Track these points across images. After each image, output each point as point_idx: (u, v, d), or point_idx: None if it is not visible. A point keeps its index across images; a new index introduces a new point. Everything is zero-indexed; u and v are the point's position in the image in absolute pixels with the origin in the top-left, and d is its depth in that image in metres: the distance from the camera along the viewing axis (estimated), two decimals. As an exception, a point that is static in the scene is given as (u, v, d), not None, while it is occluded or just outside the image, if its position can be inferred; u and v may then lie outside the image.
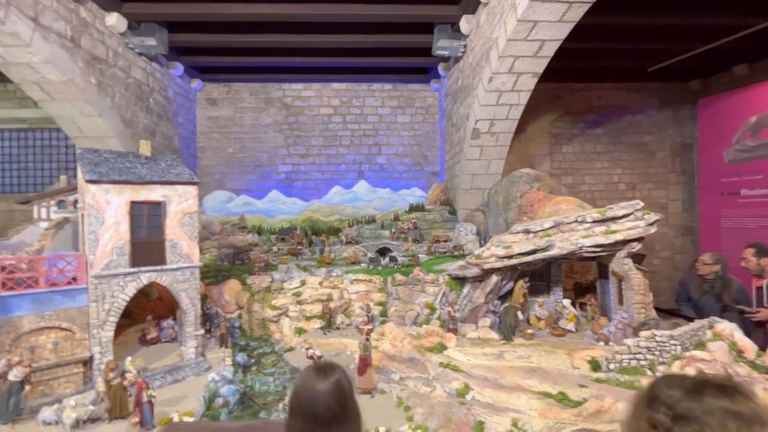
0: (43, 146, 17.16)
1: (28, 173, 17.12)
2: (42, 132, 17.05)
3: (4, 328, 5.92)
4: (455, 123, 14.53)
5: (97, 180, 6.46)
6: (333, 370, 2.26)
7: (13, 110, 16.20)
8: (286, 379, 7.15)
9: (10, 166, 17.13)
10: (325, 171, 17.24)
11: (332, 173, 17.22)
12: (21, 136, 17.07)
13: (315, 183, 17.15)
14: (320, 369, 2.27)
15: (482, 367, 6.18)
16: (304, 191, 17.02)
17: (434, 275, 9.19)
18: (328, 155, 17.23)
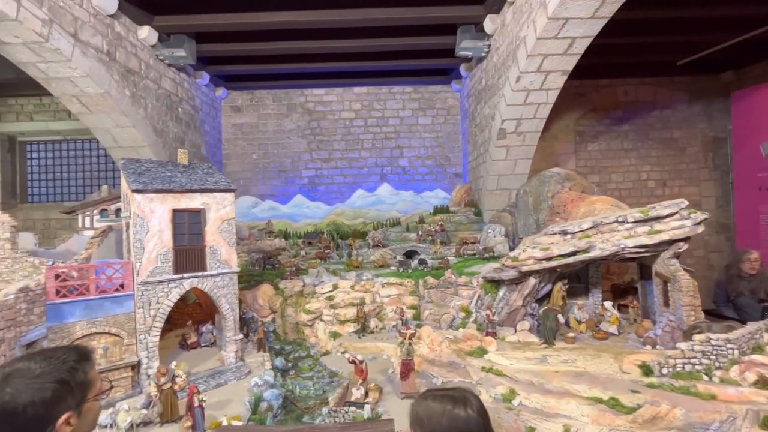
0: (76, 157, 17.79)
1: (62, 183, 17.76)
2: (75, 143, 17.69)
3: (59, 333, 6.14)
4: (479, 123, 14.41)
5: (142, 189, 6.65)
6: (468, 397, 2.00)
7: (48, 122, 16.84)
8: (326, 383, 7.20)
9: (45, 176, 17.82)
10: (348, 175, 17.33)
11: (355, 177, 17.30)
12: (56, 147, 17.74)
13: (338, 187, 17.26)
14: (457, 399, 1.96)
15: (526, 371, 6.08)
16: (327, 195, 17.15)
17: (467, 278, 9.11)
18: (350, 159, 17.33)
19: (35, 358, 1.46)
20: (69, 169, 17.85)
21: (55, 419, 1.36)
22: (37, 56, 9.07)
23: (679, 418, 4.89)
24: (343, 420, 5.60)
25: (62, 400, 1.40)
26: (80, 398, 1.46)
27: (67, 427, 1.41)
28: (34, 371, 1.39)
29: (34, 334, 5.78)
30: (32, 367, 1.40)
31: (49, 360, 1.46)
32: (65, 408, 1.40)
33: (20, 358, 1.52)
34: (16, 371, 1.41)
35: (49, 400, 1.36)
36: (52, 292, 6.08)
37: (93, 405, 1.50)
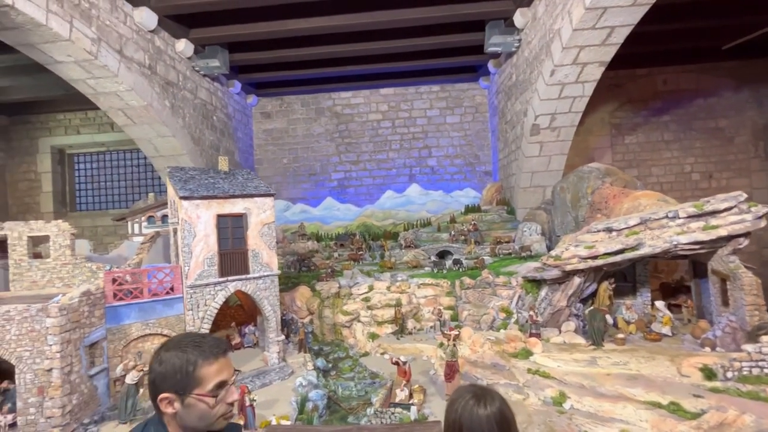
0: (119, 167, 18.74)
1: (107, 192, 18.75)
2: (118, 154, 18.63)
3: (117, 335, 6.48)
4: (510, 120, 14.12)
5: (189, 196, 6.92)
6: (493, 396, 2.05)
7: (93, 135, 17.83)
8: (367, 384, 7.23)
9: (91, 186, 18.86)
10: (377, 176, 17.40)
11: (383, 178, 17.35)
12: (100, 158, 18.75)
13: (367, 188, 17.36)
14: (480, 395, 2.02)
15: (576, 374, 5.89)
16: (356, 197, 17.28)
17: (505, 278, 8.94)
18: (378, 160, 17.39)
19: (181, 336, 1.66)
20: (113, 178, 18.82)
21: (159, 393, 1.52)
22: (87, 73, 9.63)
23: (749, 424, 4.60)
24: (390, 421, 5.60)
25: (165, 379, 1.53)
26: (183, 387, 1.53)
27: (168, 407, 1.52)
28: (170, 345, 1.59)
29: (95, 335, 6.13)
30: (171, 342, 1.60)
31: (183, 339, 1.63)
32: (166, 388, 1.52)
33: (177, 335, 1.74)
34: (168, 341, 1.64)
35: (160, 374, 1.53)
36: (110, 295, 6.42)
37: (197, 403, 1.55)
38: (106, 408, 6.22)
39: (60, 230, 7.14)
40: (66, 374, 5.50)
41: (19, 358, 5.40)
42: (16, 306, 5.46)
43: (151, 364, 1.57)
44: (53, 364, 5.41)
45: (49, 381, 5.41)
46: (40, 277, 7.12)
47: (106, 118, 17.61)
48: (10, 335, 5.40)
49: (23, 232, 7.08)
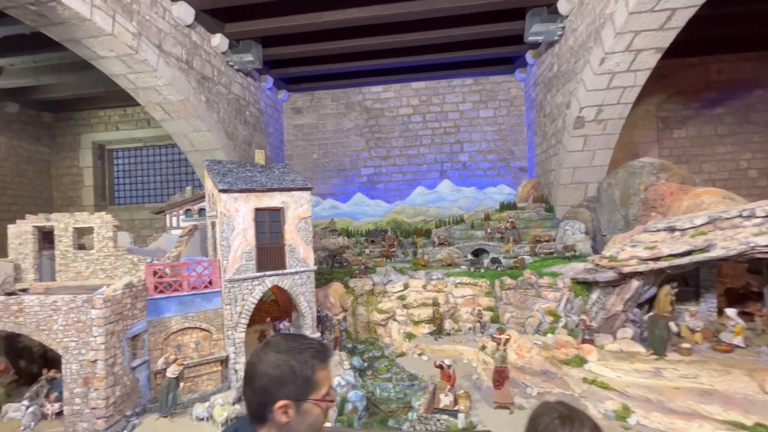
0: (154, 162, 19.22)
1: (143, 186, 19.28)
2: (154, 149, 19.11)
3: (157, 327, 6.47)
4: (549, 113, 13.45)
5: (228, 189, 6.82)
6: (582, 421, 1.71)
7: (131, 131, 18.34)
8: (406, 386, 6.96)
9: (129, 180, 19.45)
10: (407, 172, 17.06)
11: (414, 174, 16.99)
12: (137, 153, 19.29)
13: (397, 184, 17.05)
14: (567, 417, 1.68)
15: (639, 386, 5.40)
16: (386, 193, 17.02)
17: (550, 278, 8.43)
18: (409, 156, 17.04)
19: (288, 338, 1.52)
20: (149, 173, 19.34)
21: (275, 400, 1.38)
22: (128, 68, 9.76)
23: None
24: (435, 428, 5.31)
25: (283, 385, 1.40)
26: (300, 392, 1.41)
27: (283, 416, 1.40)
28: (280, 348, 1.45)
29: (137, 327, 6.13)
30: (281, 345, 1.46)
31: (294, 343, 1.49)
32: (284, 394, 1.39)
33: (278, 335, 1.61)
34: (274, 342, 1.50)
35: (275, 379, 1.39)
36: (151, 287, 6.41)
37: (313, 408, 1.44)
38: (147, 400, 6.22)
39: (103, 222, 7.22)
40: (110, 366, 5.50)
41: (65, 349, 5.44)
42: (63, 297, 5.50)
43: (257, 369, 1.40)
44: (98, 356, 5.41)
45: (93, 372, 5.42)
46: (85, 268, 7.23)
47: (143, 115, 18.11)
48: (57, 325, 5.44)
49: (69, 223, 7.20)
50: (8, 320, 5.46)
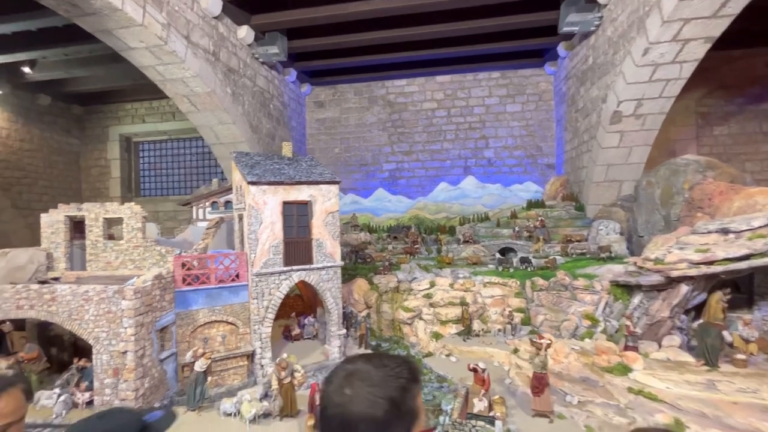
0: (178, 155, 19.46)
1: (167, 179, 19.55)
2: (178, 142, 19.33)
3: (185, 320, 6.42)
4: (582, 108, 12.88)
5: (256, 181, 6.70)
6: None
7: (156, 124, 18.58)
8: (435, 388, 6.72)
9: (154, 172, 19.75)
10: (429, 167, 16.73)
11: (437, 169, 16.65)
12: (162, 146, 19.56)
13: (419, 180, 16.75)
14: None
15: (691, 399, 5.02)
16: (408, 189, 16.74)
17: (585, 280, 8.03)
18: (432, 151, 16.70)
19: (373, 362, 1.27)
20: (172, 165, 19.59)
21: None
22: (157, 59, 9.76)
23: None
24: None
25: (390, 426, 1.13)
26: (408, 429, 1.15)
27: None
28: (373, 378, 1.19)
29: (165, 319, 6.09)
30: (371, 373, 1.21)
31: (384, 368, 1.23)
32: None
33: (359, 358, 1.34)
34: (358, 372, 1.23)
35: (380, 422, 1.12)
36: (179, 280, 6.35)
37: None
38: (174, 393, 6.18)
39: (132, 213, 7.21)
40: (139, 357, 5.46)
41: (96, 339, 5.41)
42: (95, 287, 5.48)
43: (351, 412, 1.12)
44: (128, 347, 5.37)
45: (123, 363, 5.38)
46: (114, 258, 7.25)
47: (169, 108, 18.31)
48: (89, 315, 5.42)
49: (99, 213, 7.22)
50: (41, 309, 5.48)
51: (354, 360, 1.34)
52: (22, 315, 5.53)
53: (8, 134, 15.55)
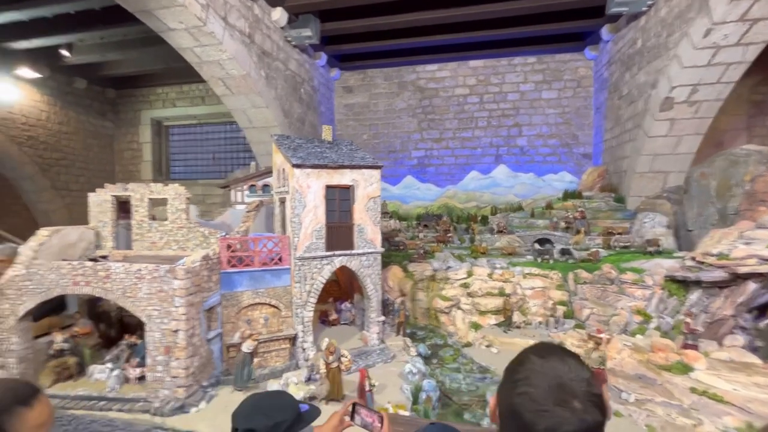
0: (207, 139, 19.63)
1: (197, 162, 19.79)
2: (207, 126, 19.47)
3: (230, 301, 6.46)
4: (627, 95, 12.26)
5: (301, 164, 6.61)
6: None
7: (186, 108, 18.74)
8: (477, 379, 6.61)
9: (183, 156, 20.02)
10: (459, 155, 16.37)
11: (467, 158, 16.27)
12: (192, 130, 19.75)
13: (448, 168, 16.43)
14: None
15: (762, 402, 4.73)
16: (437, 177, 16.46)
17: (634, 275, 7.69)
18: (462, 138, 16.31)
19: (568, 363, 1.21)
20: (202, 149, 19.79)
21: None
22: (195, 40, 9.72)
23: None
24: (523, 427, 4.92)
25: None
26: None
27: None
28: (588, 380, 1.14)
29: (212, 300, 6.13)
30: (583, 377, 1.15)
31: (583, 366, 1.20)
32: None
33: (546, 360, 1.26)
34: (574, 381, 1.17)
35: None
36: (225, 261, 6.37)
37: None
38: (220, 372, 6.25)
39: (177, 194, 7.26)
40: (190, 336, 5.51)
41: (149, 317, 5.49)
42: (147, 266, 5.53)
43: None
44: (179, 326, 5.43)
45: (175, 341, 5.45)
46: (159, 239, 7.34)
47: (198, 92, 18.42)
48: (142, 293, 5.49)
49: (145, 194, 7.29)
50: (97, 285, 5.58)
51: (548, 360, 1.25)
52: (78, 291, 5.65)
53: (48, 117, 15.96)
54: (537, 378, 1.34)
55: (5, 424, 1.48)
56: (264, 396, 2.12)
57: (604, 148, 14.09)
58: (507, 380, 1.48)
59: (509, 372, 1.50)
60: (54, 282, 5.70)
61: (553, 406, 1.22)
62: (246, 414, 1.99)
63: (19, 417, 1.52)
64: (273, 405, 2.02)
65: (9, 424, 1.48)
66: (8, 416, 1.49)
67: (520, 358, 1.50)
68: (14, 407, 1.53)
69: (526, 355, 1.48)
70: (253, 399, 2.10)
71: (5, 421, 1.48)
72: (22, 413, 1.53)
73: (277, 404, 2.02)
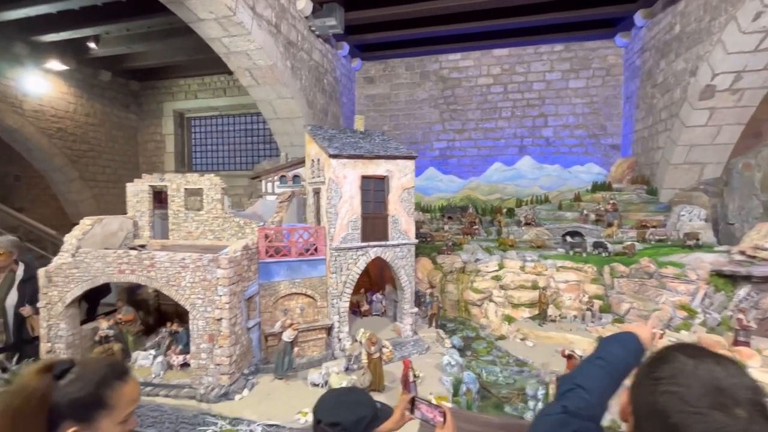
0: (228, 130, 19.75)
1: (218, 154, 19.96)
2: (228, 118, 19.59)
3: (268, 290, 6.50)
4: (661, 83, 11.85)
5: (338, 154, 6.56)
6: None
7: (208, 100, 18.85)
8: (515, 372, 6.55)
9: (204, 147, 20.21)
10: (482, 146, 16.13)
11: (490, 149, 16.03)
12: (213, 122, 19.90)
13: (471, 160, 16.21)
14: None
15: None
16: (459, 168, 16.27)
17: (675, 269, 7.48)
18: (485, 129, 16.05)
19: (729, 369, 1.24)
20: (222, 141, 19.94)
21: None
22: (224, 31, 9.70)
23: None
24: (570, 421, 4.85)
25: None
26: None
27: None
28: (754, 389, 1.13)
29: (251, 289, 6.18)
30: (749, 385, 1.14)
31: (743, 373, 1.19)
32: None
33: (706, 365, 1.23)
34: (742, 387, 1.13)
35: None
36: (263, 251, 6.40)
37: None
38: (259, 360, 6.32)
39: (212, 184, 7.30)
40: (232, 325, 5.57)
41: (192, 305, 5.55)
42: (191, 255, 5.58)
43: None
44: (222, 314, 5.48)
45: (218, 330, 5.51)
46: (195, 228, 7.41)
47: (220, 84, 18.49)
48: (185, 282, 5.55)
49: (180, 184, 7.35)
50: (141, 274, 5.66)
51: (700, 361, 1.21)
52: (123, 279, 5.75)
53: (75, 109, 16.24)
54: (687, 378, 1.27)
55: (107, 396, 1.66)
56: (345, 392, 2.27)
57: (635, 139, 13.69)
58: (645, 378, 1.41)
59: (648, 369, 1.42)
60: (100, 270, 5.80)
61: (710, 410, 1.13)
62: (330, 408, 2.10)
63: (117, 391, 1.70)
64: (355, 400, 2.15)
65: (109, 396, 1.67)
66: (110, 390, 1.68)
67: (663, 355, 1.42)
68: (113, 382, 1.71)
69: (669, 352, 1.41)
70: (334, 394, 2.26)
71: (107, 394, 1.67)
72: (120, 387, 1.71)
73: (359, 400, 2.16)
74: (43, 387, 1.58)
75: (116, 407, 1.68)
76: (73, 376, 1.64)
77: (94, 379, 1.66)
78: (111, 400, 1.67)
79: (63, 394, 1.60)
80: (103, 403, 1.65)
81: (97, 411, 1.63)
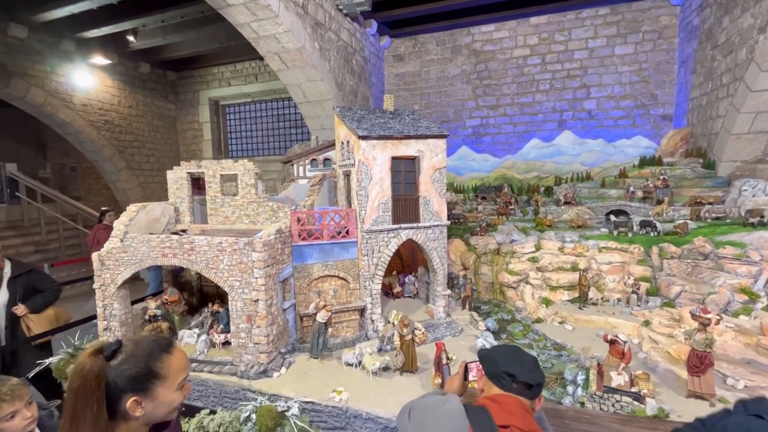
0: (260, 116, 20.11)
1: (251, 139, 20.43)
2: (260, 104, 19.90)
3: (302, 273, 6.63)
4: (724, 43, 10.64)
5: (367, 136, 6.45)
6: None
7: (241, 86, 19.19)
8: (553, 356, 6.34)
9: (239, 133, 20.73)
10: (518, 123, 15.39)
11: (526, 125, 15.26)
12: (246, 108, 20.31)
13: (506, 137, 15.54)
14: None
15: None
16: (493, 146, 15.67)
17: (735, 249, 6.84)
18: (521, 104, 15.26)
19: None
20: (255, 126, 20.36)
21: None
22: (252, 15, 9.69)
23: None
24: (613, 409, 4.65)
25: None
26: None
27: None
28: None
29: (286, 271, 6.32)
30: None
31: None
32: None
33: None
34: None
35: None
36: (296, 234, 6.49)
37: None
38: (295, 340, 6.51)
39: (246, 170, 7.44)
40: (268, 306, 5.73)
41: (231, 287, 5.76)
42: (227, 239, 5.75)
43: None
44: (259, 296, 5.65)
45: (255, 311, 5.69)
46: (231, 213, 7.64)
47: (251, 70, 18.73)
48: (223, 265, 5.75)
49: (216, 170, 7.56)
50: (182, 257, 5.92)
51: None
52: (166, 262, 6.05)
53: (119, 101, 17.08)
54: None
55: (157, 368, 1.90)
56: (517, 349, 2.52)
57: (690, 108, 12.51)
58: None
59: None
60: (145, 254, 6.14)
61: None
62: (505, 357, 2.36)
63: (165, 362, 1.93)
64: (530, 359, 2.40)
65: (159, 368, 1.90)
66: (159, 362, 1.91)
67: None
68: (160, 354, 1.94)
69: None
70: (509, 349, 2.53)
71: (157, 366, 1.90)
72: (167, 359, 1.94)
73: (532, 360, 2.41)
74: (96, 368, 1.78)
75: (168, 376, 1.91)
76: (123, 356, 1.86)
77: (143, 354, 1.88)
78: (161, 370, 1.90)
79: (118, 373, 1.81)
80: (156, 374, 1.88)
81: (151, 382, 1.86)
